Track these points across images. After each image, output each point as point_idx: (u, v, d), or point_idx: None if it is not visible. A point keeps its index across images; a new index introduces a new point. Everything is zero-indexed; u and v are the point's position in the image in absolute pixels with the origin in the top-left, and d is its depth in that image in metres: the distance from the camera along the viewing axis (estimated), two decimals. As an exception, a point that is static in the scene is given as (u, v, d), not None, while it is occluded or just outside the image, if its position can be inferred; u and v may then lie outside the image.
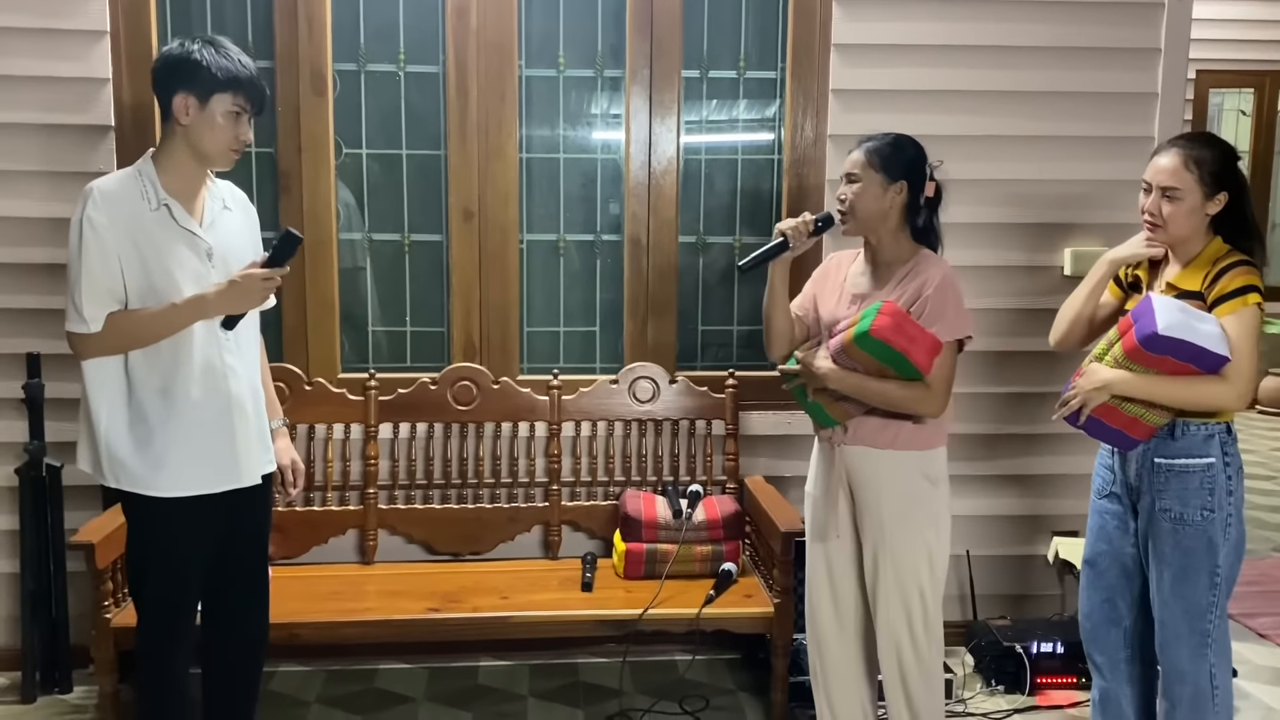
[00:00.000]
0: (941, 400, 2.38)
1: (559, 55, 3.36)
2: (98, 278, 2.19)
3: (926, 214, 2.46)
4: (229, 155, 2.29)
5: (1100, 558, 2.52)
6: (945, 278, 2.38)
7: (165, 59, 2.25)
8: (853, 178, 2.41)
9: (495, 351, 3.39)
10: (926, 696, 2.50)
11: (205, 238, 2.30)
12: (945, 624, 3.39)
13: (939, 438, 2.46)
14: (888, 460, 2.42)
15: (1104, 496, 2.51)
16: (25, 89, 3.06)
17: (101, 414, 2.25)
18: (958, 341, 2.40)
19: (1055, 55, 3.30)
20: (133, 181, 2.25)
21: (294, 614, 2.84)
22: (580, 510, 3.35)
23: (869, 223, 2.42)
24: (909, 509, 2.43)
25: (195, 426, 2.27)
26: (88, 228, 2.18)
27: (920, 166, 2.42)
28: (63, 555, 3.14)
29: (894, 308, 2.33)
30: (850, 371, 2.38)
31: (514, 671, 3.31)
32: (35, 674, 3.12)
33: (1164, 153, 2.35)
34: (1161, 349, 2.20)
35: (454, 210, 3.33)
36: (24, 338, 3.12)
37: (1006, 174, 3.34)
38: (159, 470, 2.25)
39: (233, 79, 2.22)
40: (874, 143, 2.43)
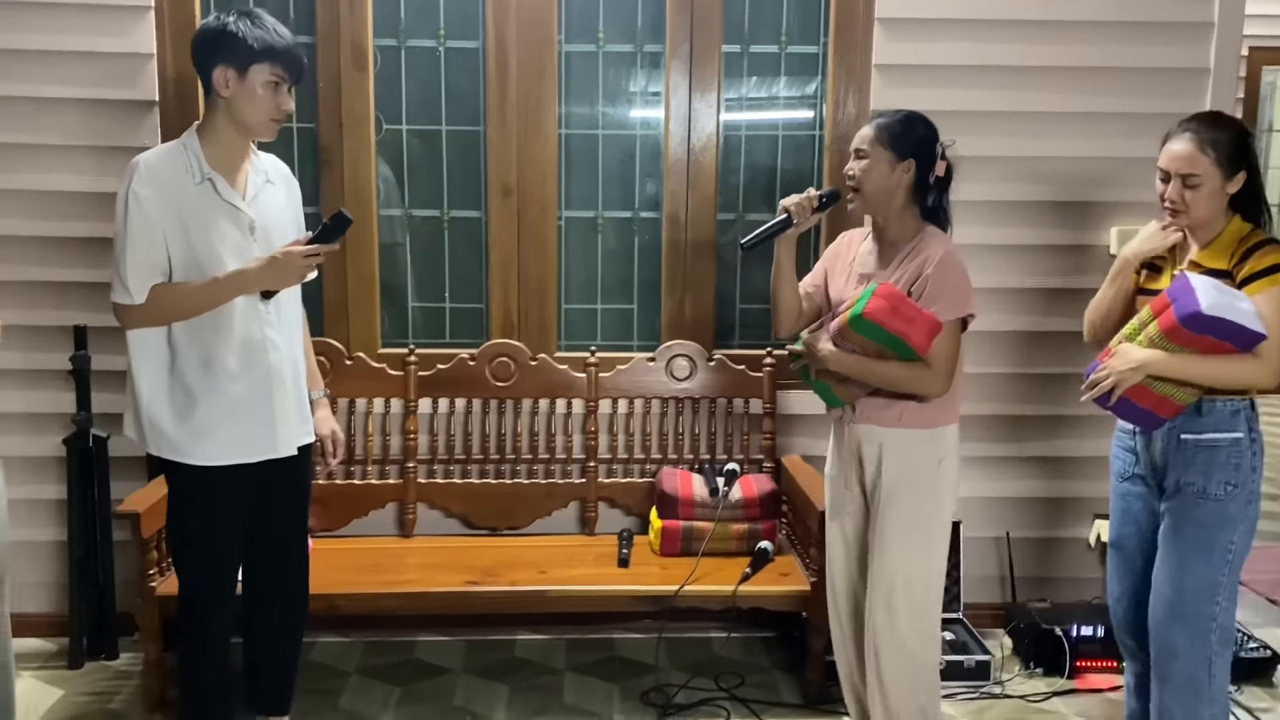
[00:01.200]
0: (944, 380, 2.34)
1: (599, 30, 3.34)
2: (142, 250, 2.22)
3: (936, 193, 2.42)
4: (270, 125, 2.31)
5: (1127, 541, 2.49)
6: (946, 256, 2.34)
7: (203, 33, 2.27)
8: (861, 153, 2.39)
9: (533, 328, 3.40)
10: (902, 692, 2.43)
11: (248, 211, 2.32)
12: (983, 606, 3.42)
13: (946, 416, 2.42)
14: (893, 438, 2.41)
15: (1126, 479, 2.48)
16: (72, 64, 3.09)
17: (144, 384, 2.29)
18: (961, 320, 2.36)
19: (1104, 29, 3.24)
20: (178, 155, 2.28)
21: (334, 585, 2.87)
22: (617, 487, 3.35)
23: (875, 200, 2.39)
24: (912, 488, 2.40)
25: (234, 397, 2.31)
26: (133, 201, 2.21)
27: (931, 145, 2.38)
28: (109, 524, 3.20)
29: (889, 289, 2.30)
30: (850, 353, 2.37)
31: (550, 645, 3.33)
32: (82, 640, 3.18)
33: (1177, 138, 2.31)
34: (1202, 327, 2.17)
35: (493, 186, 3.33)
36: (71, 310, 3.17)
37: (1052, 151, 3.28)
38: (198, 439, 2.29)
39: (269, 49, 2.24)
40: (885, 119, 2.40)
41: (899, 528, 2.40)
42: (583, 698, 3.02)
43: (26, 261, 3.13)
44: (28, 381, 3.19)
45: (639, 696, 3.00)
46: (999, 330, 3.34)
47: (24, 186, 3.13)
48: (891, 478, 2.41)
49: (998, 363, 3.37)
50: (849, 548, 2.54)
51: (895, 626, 2.41)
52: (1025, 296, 3.35)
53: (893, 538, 2.40)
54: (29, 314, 3.10)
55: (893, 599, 2.40)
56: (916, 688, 2.45)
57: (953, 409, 2.44)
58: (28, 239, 3.13)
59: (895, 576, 2.40)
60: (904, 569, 2.40)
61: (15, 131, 3.11)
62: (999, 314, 3.33)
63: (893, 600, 2.40)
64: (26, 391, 3.19)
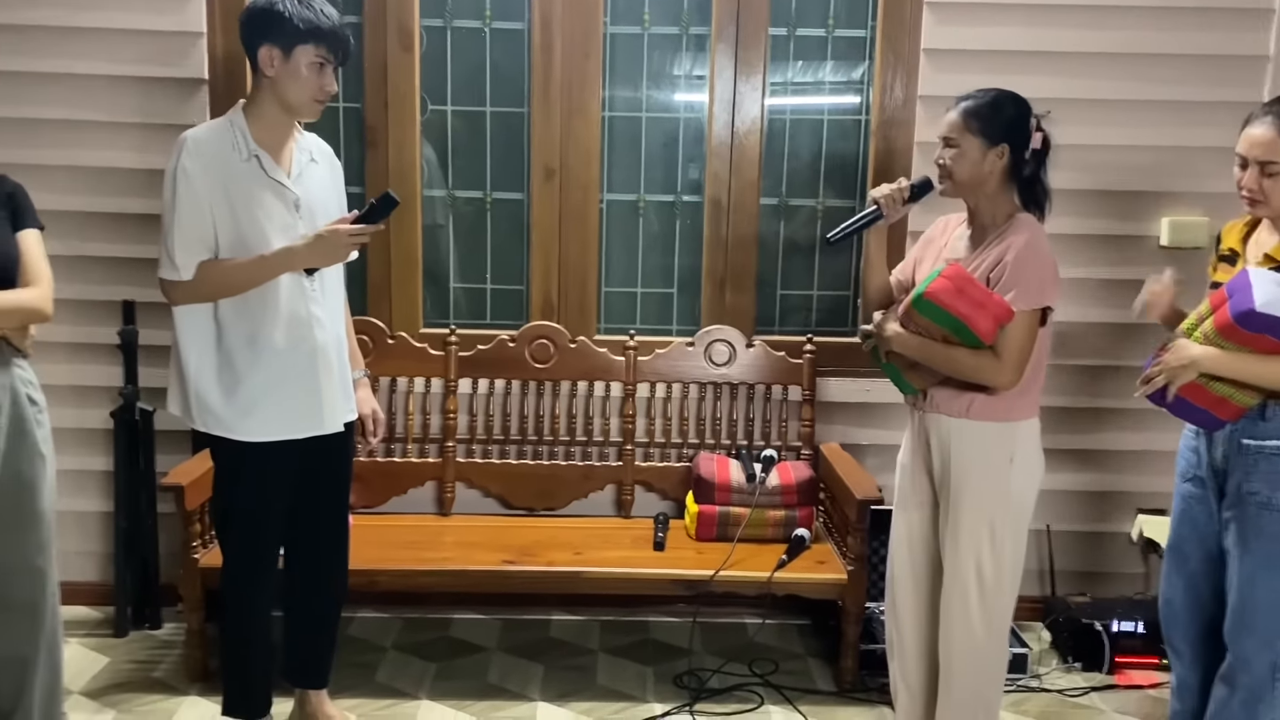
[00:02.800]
0: (1011, 372, 2.24)
1: (644, 12, 3.32)
2: (190, 226, 2.25)
3: (1034, 166, 2.32)
4: (314, 106, 2.32)
5: (1183, 543, 2.42)
6: (1030, 242, 2.25)
7: (250, 12, 2.28)
8: (950, 141, 2.30)
9: (573, 311, 3.40)
10: (968, 680, 2.40)
11: (293, 189, 2.34)
12: (1022, 598, 3.31)
13: (1021, 410, 2.32)
14: (963, 430, 2.33)
15: (1188, 480, 2.40)
16: (122, 42, 3.13)
17: (191, 360, 2.31)
18: (1040, 312, 2.27)
19: (1159, 14, 3.17)
20: (225, 132, 2.30)
21: (373, 561, 2.90)
22: (653, 471, 3.36)
23: (968, 187, 2.31)
24: (977, 482, 2.33)
25: (281, 373, 2.33)
26: (181, 177, 2.23)
27: (1023, 125, 2.29)
28: (154, 496, 3.25)
29: (957, 270, 2.23)
30: (914, 335, 2.31)
31: (585, 626, 3.35)
32: (127, 610, 3.24)
33: (1258, 122, 2.19)
34: (1257, 326, 2.08)
35: (536, 168, 3.33)
36: (120, 285, 3.22)
37: (1103, 139, 3.23)
38: (245, 415, 2.32)
39: (314, 29, 2.24)
40: (971, 103, 2.29)
41: (969, 524, 2.34)
42: (616, 679, 3.03)
43: (76, 236, 3.18)
44: (77, 355, 3.24)
45: (672, 680, 3.01)
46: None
47: (75, 162, 3.18)
48: (960, 471, 2.34)
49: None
50: (913, 539, 2.49)
51: (968, 620, 2.37)
52: (1070, 286, 3.28)
53: (965, 533, 2.34)
54: (78, 288, 3.15)
55: (966, 593, 2.36)
56: (983, 681, 2.42)
57: (1028, 403, 2.34)
58: (78, 214, 3.18)
59: (968, 572, 2.35)
60: (974, 564, 2.35)
61: (68, 108, 3.15)
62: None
63: (966, 594, 2.36)
64: (75, 365, 3.25)
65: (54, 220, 3.01)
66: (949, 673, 2.42)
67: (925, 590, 2.50)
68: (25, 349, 2.32)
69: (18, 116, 3.11)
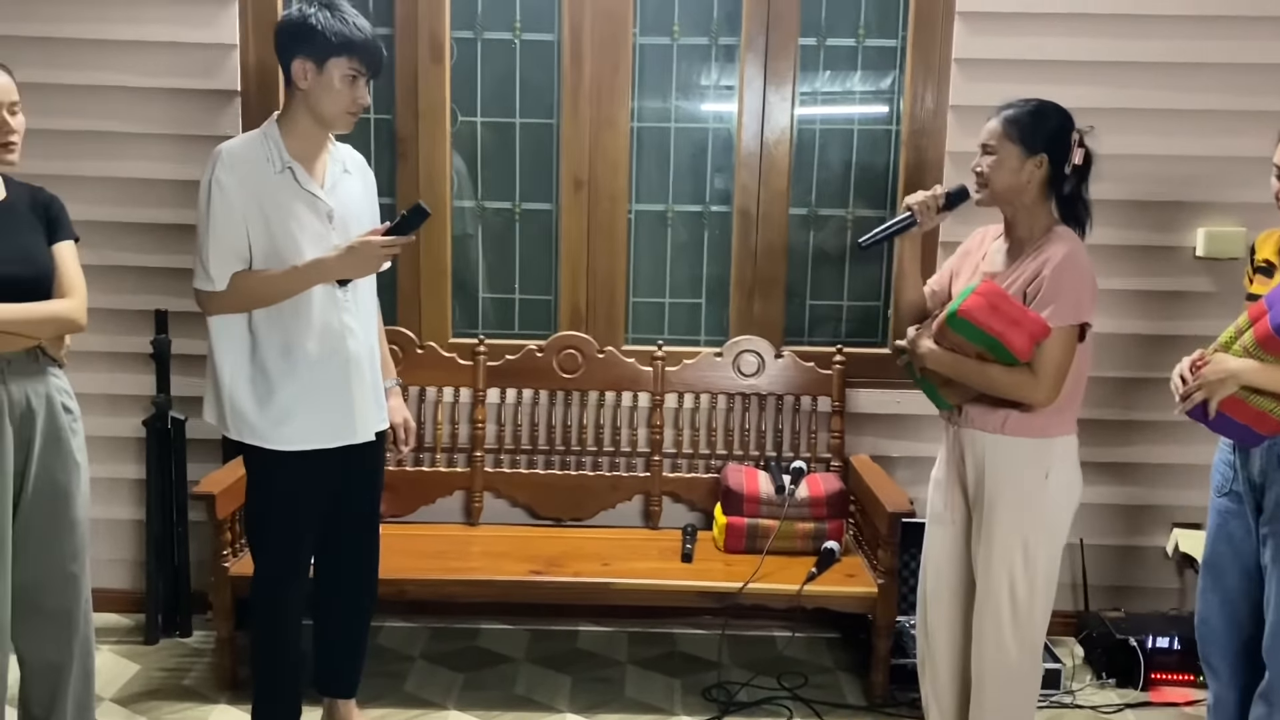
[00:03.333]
0: (1049, 389, 2.21)
1: (674, 23, 3.32)
2: (224, 237, 2.26)
3: (1075, 182, 2.29)
4: (347, 118, 2.33)
5: (1220, 559, 2.38)
6: (1068, 257, 2.21)
7: (284, 24, 2.30)
8: (989, 149, 2.27)
9: (601, 321, 3.40)
10: (1000, 698, 2.38)
11: (327, 200, 2.35)
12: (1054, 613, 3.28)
13: (1058, 425, 2.29)
14: (997, 446, 2.31)
15: (1224, 495, 2.36)
16: (157, 54, 3.16)
17: (226, 369, 2.33)
18: (1079, 327, 2.24)
19: (1195, 23, 3.13)
20: (259, 144, 2.31)
21: (402, 571, 2.90)
22: (681, 482, 3.34)
23: (1005, 196, 2.28)
24: (1011, 498, 2.30)
25: (314, 383, 2.34)
26: (215, 189, 2.25)
27: (1064, 136, 2.26)
28: (185, 505, 3.27)
29: (991, 287, 2.20)
30: (949, 352, 2.28)
31: (613, 638, 3.34)
32: (158, 617, 3.26)
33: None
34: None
35: (565, 179, 3.34)
36: (153, 294, 3.25)
37: (1137, 148, 3.19)
38: (279, 425, 2.33)
39: (347, 42, 2.25)
40: (1013, 111, 2.27)
41: (1002, 540, 2.31)
42: (644, 691, 3.01)
43: (111, 246, 3.21)
44: (110, 364, 3.27)
45: (701, 693, 2.99)
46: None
47: (110, 174, 3.21)
48: (994, 487, 2.31)
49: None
50: (948, 556, 2.46)
51: (1001, 638, 2.35)
52: (1105, 297, 3.22)
53: (998, 550, 2.32)
54: (112, 298, 3.19)
55: (999, 610, 2.33)
56: (1016, 700, 2.40)
57: (1065, 419, 2.31)
58: (112, 224, 3.21)
59: (1001, 589, 2.32)
60: (1008, 582, 2.32)
61: (103, 119, 3.19)
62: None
63: (999, 612, 2.33)
64: (108, 373, 3.27)
65: (88, 230, 3.05)
66: (981, 691, 2.39)
67: (959, 607, 2.47)
68: (60, 359, 2.34)
69: (55, 128, 3.14)
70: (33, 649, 2.36)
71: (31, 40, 3.11)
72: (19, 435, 2.24)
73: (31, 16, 3.12)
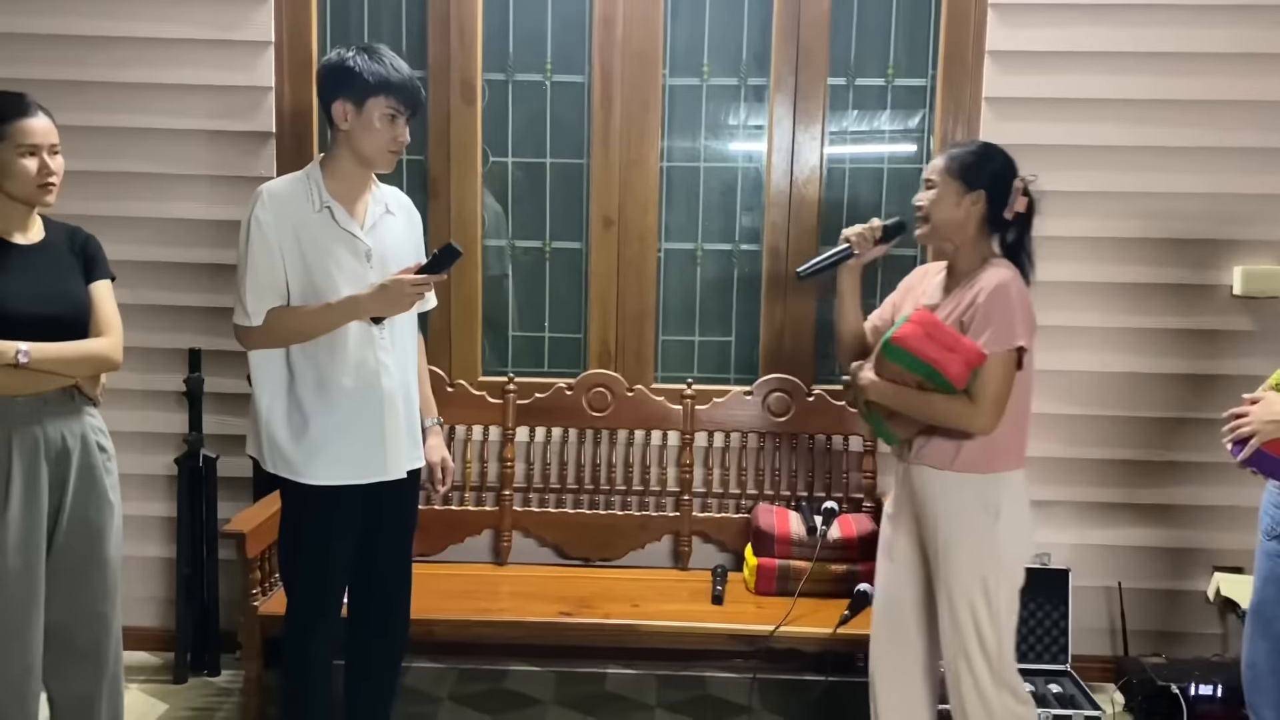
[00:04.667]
0: (989, 416, 2.21)
1: (703, 64, 3.35)
2: (262, 274, 2.29)
3: (1017, 230, 2.34)
4: (388, 156, 2.36)
5: (1268, 604, 2.30)
6: (1000, 284, 2.23)
7: (324, 68, 2.34)
8: (930, 184, 2.34)
9: (630, 359, 3.39)
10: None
11: (365, 240, 2.37)
12: (1092, 658, 3.29)
13: (1006, 460, 2.29)
14: (945, 482, 2.30)
15: (1274, 538, 2.29)
16: (195, 97, 3.22)
17: (264, 402, 2.36)
18: (1016, 353, 2.23)
19: (1227, 61, 3.12)
20: (300, 184, 2.35)
21: (430, 611, 2.88)
22: (711, 522, 3.31)
23: (943, 231, 2.33)
24: (963, 538, 2.28)
25: (347, 419, 2.35)
26: (255, 227, 2.29)
27: (1004, 179, 2.31)
28: (215, 543, 3.28)
29: (925, 315, 2.22)
30: (890, 383, 2.28)
31: (642, 680, 3.29)
32: (187, 656, 3.26)
33: None
34: None
35: (595, 218, 3.35)
36: (187, 333, 3.28)
37: (1172, 186, 3.17)
38: (311, 458, 2.34)
39: (385, 82, 2.29)
40: (958, 149, 2.34)
41: (962, 584, 2.29)
42: (674, 736, 2.97)
43: (146, 285, 3.24)
44: (143, 401, 3.30)
45: (731, 737, 2.95)
46: (1113, 371, 3.22)
47: (147, 214, 3.26)
48: (947, 529, 2.30)
49: (1111, 405, 3.25)
50: (898, 598, 2.44)
51: (980, 687, 2.31)
52: (1142, 337, 3.22)
53: (959, 594, 2.29)
54: (146, 336, 3.22)
55: (971, 659, 2.30)
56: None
57: (1012, 454, 2.31)
58: (148, 264, 3.25)
59: (968, 636, 2.29)
60: (973, 627, 2.29)
61: (141, 161, 3.24)
62: (1113, 354, 3.22)
63: (971, 660, 2.30)
64: (141, 411, 3.30)
65: (126, 270, 3.08)
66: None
67: (910, 647, 2.44)
68: (96, 397, 2.36)
69: (96, 170, 3.19)
70: (62, 687, 2.37)
71: (75, 84, 3.17)
72: (54, 474, 2.26)
73: (77, 61, 3.19)
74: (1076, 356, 3.24)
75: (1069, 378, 3.24)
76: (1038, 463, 3.27)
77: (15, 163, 2.20)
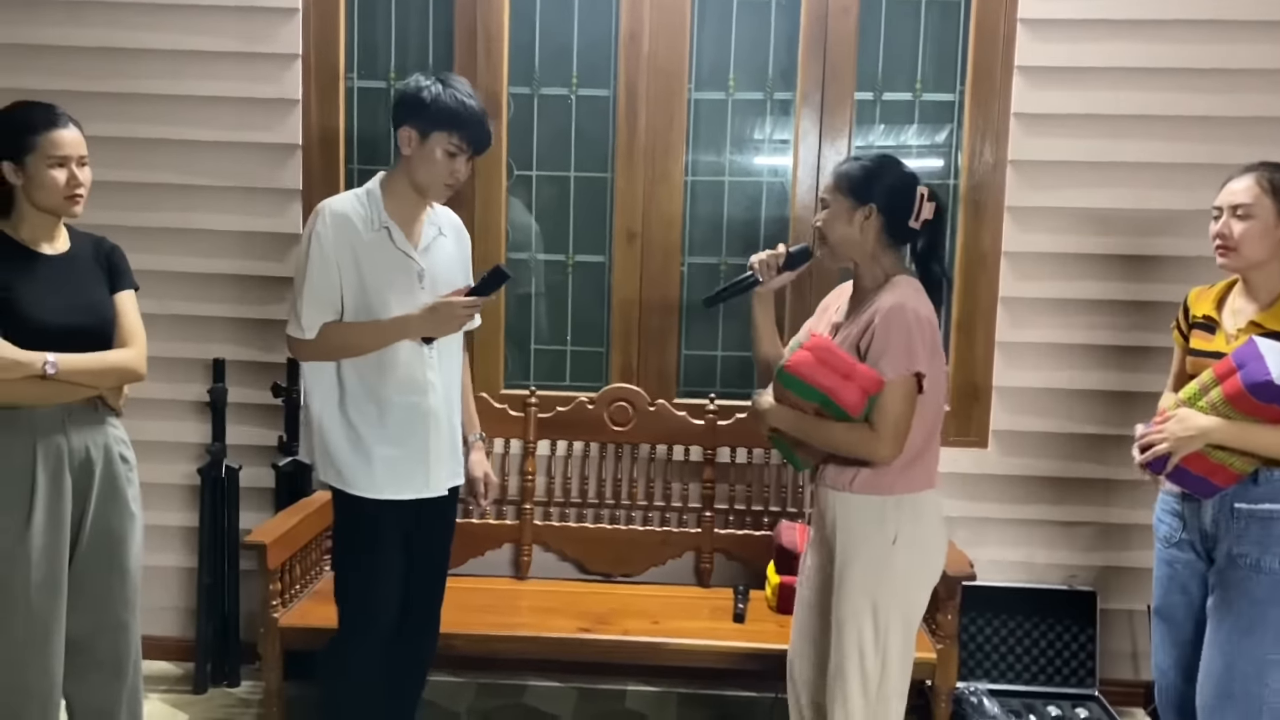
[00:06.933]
0: (890, 444, 2.11)
1: (729, 78, 3.34)
2: (318, 289, 2.32)
3: (927, 239, 2.25)
4: (442, 189, 2.38)
5: (1174, 610, 2.35)
6: (896, 306, 2.12)
7: (401, 93, 2.36)
8: (824, 202, 2.27)
9: (652, 373, 3.38)
10: None
11: (419, 261, 2.40)
12: (1120, 683, 3.24)
13: (906, 483, 2.18)
14: (844, 504, 2.21)
15: (1173, 545, 2.34)
16: (224, 109, 3.24)
17: (316, 414, 2.39)
18: (916, 379, 2.13)
19: (1260, 78, 3.08)
20: (359, 203, 2.37)
21: (450, 625, 2.85)
22: (733, 539, 3.29)
23: (841, 249, 2.25)
24: (857, 559, 2.19)
25: (393, 434, 2.38)
26: (315, 243, 2.31)
27: (901, 191, 2.21)
28: (236, 554, 3.28)
29: (819, 341, 2.15)
30: (790, 410, 2.22)
31: (662, 698, 3.27)
32: (207, 666, 3.26)
33: (1238, 178, 2.28)
34: (1270, 397, 2.05)
35: (618, 232, 3.34)
36: (211, 343, 3.29)
37: (1199, 204, 3.10)
38: (359, 471, 2.37)
39: (454, 118, 2.30)
40: (845, 165, 2.27)
41: (852, 607, 2.19)
42: (694, 755, 2.95)
43: (171, 296, 3.26)
44: (166, 411, 3.31)
45: (752, 757, 2.92)
46: (1143, 391, 3.18)
47: (174, 225, 3.28)
48: (844, 550, 2.21)
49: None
50: (804, 623, 2.39)
51: (849, 712, 2.21)
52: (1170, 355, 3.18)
53: (848, 618, 2.20)
54: (171, 346, 3.24)
55: (848, 686, 2.21)
56: None
57: (915, 476, 2.20)
58: (174, 274, 3.27)
59: (850, 661, 2.20)
60: (857, 654, 2.19)
61: (170, 172, 3.26)
62: (1141, 374, 3.17)
63: (848, 688, 2.21)
64: (165, 421, 3.31)
65: (151, 280, 3.12)
66: None
67: (809, 668, 2.40)
68: (119, 408, 2.37)
69: (124, 180, 3.22)
70: (82, 696, 2.37)
71: (104, 95, 3.21)
72: (77, 484, 2.27)
73: (106, 73, 3.22)
74: (1105, 376, 3.21)
75: (1103, 397, 3.20)
76: (1065, 483, 3.24)
77: (44, 174, 2.22)
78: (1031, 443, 3.26)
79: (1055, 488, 3.26)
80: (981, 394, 3.27)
